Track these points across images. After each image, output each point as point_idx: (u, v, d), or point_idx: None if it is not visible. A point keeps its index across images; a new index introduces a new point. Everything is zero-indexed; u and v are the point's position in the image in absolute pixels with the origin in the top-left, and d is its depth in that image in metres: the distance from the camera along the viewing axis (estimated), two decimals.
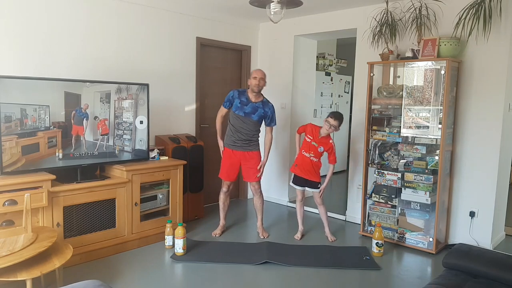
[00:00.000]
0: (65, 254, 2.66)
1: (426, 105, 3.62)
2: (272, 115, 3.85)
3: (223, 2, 4.18)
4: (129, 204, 3.50)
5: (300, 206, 3.98)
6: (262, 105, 3.79)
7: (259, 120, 3.81)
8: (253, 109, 3.76)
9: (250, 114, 3.75)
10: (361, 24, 4.17)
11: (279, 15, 3.30)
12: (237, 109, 3.76)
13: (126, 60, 3.97)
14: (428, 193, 3.57)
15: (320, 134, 3.76)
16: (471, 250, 2.40)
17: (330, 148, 3.78)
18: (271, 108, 3.84)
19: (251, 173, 3.88)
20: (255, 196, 4.00)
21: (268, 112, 3.81)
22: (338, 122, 3.69)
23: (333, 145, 3.80)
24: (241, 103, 3.76)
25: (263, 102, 3.81)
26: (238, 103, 3.77)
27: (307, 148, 3.80)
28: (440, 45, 3.47)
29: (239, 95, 3.79)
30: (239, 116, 3.75)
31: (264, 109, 3.79)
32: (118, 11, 3.87)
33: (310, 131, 3.81)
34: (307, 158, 3.80)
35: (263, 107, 3.79)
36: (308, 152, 3.79)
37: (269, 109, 3.82)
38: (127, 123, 3.61)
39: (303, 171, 3.84)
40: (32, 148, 3.07)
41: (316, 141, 3.76)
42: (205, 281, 3.01)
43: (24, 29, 3.31)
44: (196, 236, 3.91)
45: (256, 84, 3.72)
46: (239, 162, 3.87)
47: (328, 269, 3.25)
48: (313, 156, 3.78)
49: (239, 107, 3.76)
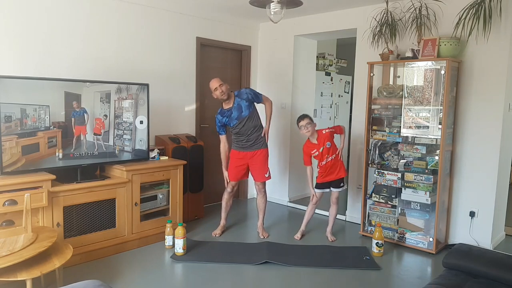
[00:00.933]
0: (65, 254, 2.66)
1: (426, 105, 3.62)
2: (253, 94, 3.80)
3: (223, 2, 4.18)
4: (129, 204, 3.50)
5: (312, 208, 3.95)
6: (239, 99, 3.76)
7: (251, 111, 3.78)
8: (238, 110, 3.74)
9: (241, 114, 3.74)
10: (361, 24, 4.17)
11: (279, 15, 3.30)
12: (230, 123, 3.77)
13: (126, 60, 3.97)
14: (428, 193, 3.57)
15: (312, 141, 3.75)
16: (471, 250, 2.40)
17: (331, 134, 3.76)
18: (248, 92, 3.80)
19: (259, 173, 3.88)
20: (259, 195, 4.00)
21: (249, 96, 3.77)
22: (306, 119, 3.70)
23: (330, 130, 3.77)
24: (228, 117, 3.75)
25: (237, 97, 3.77)
26: (226, 120, 3.77)
27: (322, 157, 3.75)
28: (440, 45, 3.47)
29: (221, 115, 3.78)
30: (235, 125, 3.76)
31: (243, 100, 3.75)
32: (118, 11, 3.87)
33: (310, 149, 3.78)
34: (328, 162, 3.76)
35: (241, 100, 3.75)
36: (326, 158, 3.74)
37: (246, 95, 3.77)
38: (127, 123, 3.61)
39: (329, 175, 3.79)
40: (32, 148, 3.06)
41: (320, 146, 3.73)
42: (205, 281, 3.01)
43: (24, 29, 3.31)
44: (196, 236, 3.91)
45: (218, 95, 3.70)
46: (247, 163, 3.87)
47: (328, 269, 3.25)
48: (330, 156, 3.74)
49: (229, 120, 3.76)
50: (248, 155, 3.84)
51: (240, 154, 3.85)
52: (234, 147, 3.89)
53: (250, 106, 3.78)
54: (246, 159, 3.85)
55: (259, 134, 3.83)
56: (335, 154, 3.76)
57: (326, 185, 3.84)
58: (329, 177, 3.79)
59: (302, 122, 3.71)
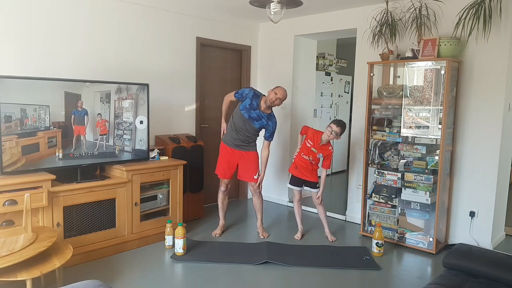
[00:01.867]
0: (65, 254, 2.66)
1: (426, 105, 3.62)
2: (272, 130, 3.84)
3: (223, 2, 4.18)
4: (129, 204, 3.50)
5: (298, 206, 3.99)
6: (268, 117, 3.78)
7: (259, 128, 3.81)
8: (258, 116, 3.75)
9: (254, 120, 3.74)
10: (361, 24, 4.17)
11: (279, 15, 3.30)
12: (244, 108, 3.75)
13: (126, 60, 3.97)
14: (428, 193, 3.57)
15: (321, 141, 3.76)
16: (471, 250, 2.40)
17: (329, 154, 3.80)
18: (274, 123, 3.83)
19: (246, 172, 3.89)
20: (254, 197, 4.01)
21: (270, 126, 3.81)
22: (341, 129, 3.70)
23: (332, 152, 3.82)
24: (250, 106, 3.74)
25: (269, 114, 3.80)
26: (248, 103, 3.75)
27: (307, 152, 3.80)
28: (440, 45, 3.47)
29: (253, 96, 3.76)
30: (243, 117, 3.75)
31: (268, 121, 3.78)
32: (118, 11, 3.87)
33: (311, 137, 3.80)
34: (306, 161, 3.81)
35: (267, 119, 3.78)
36: (307, 155, 3.80)
37: (272, 123, 3.81)
38: (127, 123, 3.61)
39: (302, 172, 3.85)
40: (32, 148, 3.06)
41: (316, 148, 3.76)
42: (205, 281, 3.01)
43: (24, 29, 3.31)
44: (196, 236, 3.91)
45: (272, 99, 3.68)
46: (237, 161, 3.87)
47: (328, 269, 3.25)
48: (312, 160, 3.80)
49: (247, 108, 3.74)
50: (237, 153, 3.85)
51: (229, 150, 3.86)
52: (225, 141, 3.89)
53: (260, 128, 3.82)
54: (235, 156, 3.85)
55: (251, 143, 3.86)
56: (314, 163, 3.82)
57: (298, 181, 3.88)
58: (303, 175, 3.85)
59: (336, 128, 3.68)
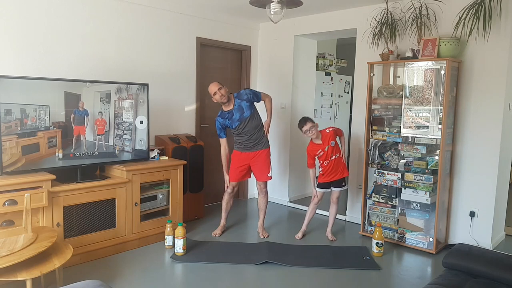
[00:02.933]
0: (65, 254, 2.66)
1: (426, 105, 3.62)
2: (252, 95, 3.77)
3: (223, 2, 4.18)
4: (129, 204, 3.50)
5: (314, 208, 3.95)
6: (239, 101, 3.74)
7: (252, 111, 3.77)
8: (239, 111, 3.72)
9: (242, 115, 3.73)
10: (361, 24, 4.17)
11: (279, 15, 3.30)
12: (232, 125, 3.75)
13: (126, 60, 3.97)
14: (428, 193, 3.57)
15: (319, 142, 3.73)
16: (471, 250, 2.40)
17: (335, 132, 3.74)
18: (247, 92, 3.77)
19: (261, 173, 3.88)
20: (260, 195, 4.00)
21: (249, 97, 3.75)
22: (308, 123, 3.65)
23: (333, 129, 3.75)
24: (230, 119, 3.73)
25: (236, 99, 3.75)
26: (228, 123, 3.74)
27: (327, 156, 3.72)
28: (440, 45, 3.47)
29: (222, 117, 3.75)
30: (238, 126, 3.74)
31: (243, 100, 3.74)
32: (118, 11, 3.87)
33: (314, 151, 3.75)
34: (332, 161, 3.74)
35: (241, 101, 3.74)
36: (329, 158, 3.72)
37: (246, 95, 3.75)
38: (127, 123, 3.61)
39: (332, 174, 3.77)
40: (32, 148, 3.06)
41: (325, 145, 3.71)
42: (205, 281, 3.01)
43: (24, 29, 3.31)
44: (196, 236, 3.91)
45: (218, 99, 3.66)
46: (248, 163, 3.87)
47: (328, 269, 3.25)
48: (334, 155, 3.73)
49: (231, 122, 3.74)
50: (250, 156, 3.84)
51: (242, 155, 3.85)
52: (237, 148, 3.88)
53: (251, 107, 3.78)
54: (248, 159, 3.85)
55: (261, 134, 3.83)
56: (338, 153, 3.75)
57: (327, 185, 3.84)
58: (332, 176, 3.78)
59: (305, 126, 3.65)
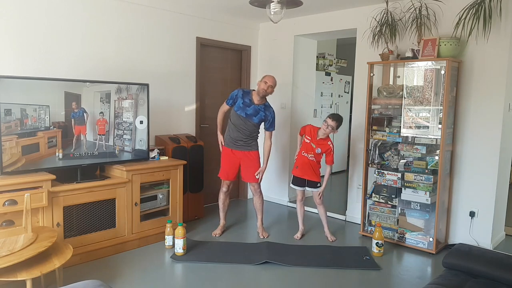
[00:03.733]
0: (65, 254, 2.66)
1: (426, 105, 3.62)
2: (272, 120, 3.84)
3: (223, 2, 4.18)
4: (129, 204, 3.50)
5: (301, 206, 3.98)
6: (264, 108, 3.79)
7: (259, 122, 3.82)
8: (254, 111, 3.75)
9: (252, 116, 3.75)
10: (361, 24, 4.17)
11: (279, 15, 3.30)
12: (239, 109, 3.76)
13: (126, 60, 3.97)
14: (428, 193, 3.57)
15: (318, 135, 3.76)
16: (471, 250, 2.40)
17: (328, 150, 3.77)
18: (272, 113, 3.83)
19: (250, 174, 3.88)
20: (255, 196, 4.00)
21: (269, 116, 3.81)
22: (336, 123, 3.69)
23: (332, 147, 3.79)
24: (244, 104, 3.75)
25: (265, 105, 3.81)
26: (241, 103, 3.76)
27: (306, 149, 3.80)
28: (440, 45, 3.47)
29: (243, 95, 3.78)
30: (240, 116, 3.75)
31: (265, 112, 3.79)
32: (118, 11, 3.87)
33: (308, 132, 3.81)
34: (306, 158, 3.80)
35: (264, 110, 3.78)
36: (307, 152, 3.79)
37: (270, 113, 3.81)
38: (127, 123, 3.61)
39: (303, 172, 3.84)
40: (32, 148, 3.06)
41: (314, 142, 3.76)
42: (205, 281, 3.01)
43: (24, 29, 3.31)
44: (196, 236, 3.91)
45: (264, 89, 3.70)
46: (239, 161, 3.87)
47: (328, 269, 3.25)
48: (312, 156, 3.79)
49: (241, 107, 3.75)
50: (240, 154, 3.84)
51: (232, 152, 3.86)
52: (227, 144, 3.88)
53: (261, 122, 3.82)
54: (237, 157, 3.85)
55: (251, 141, 3.84)
56: (316, 161, 3.80)
57: (302, 182, 3.87)
58: (304, 174, 3.83)
59: (332, 122, 3.68)
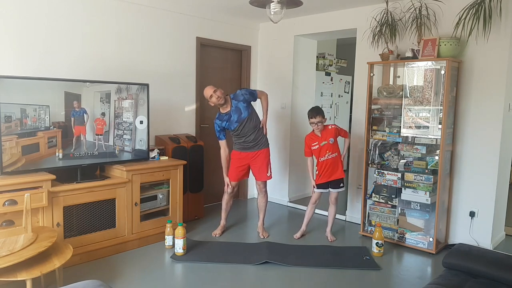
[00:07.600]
0: (65, 254, 2.66)
1: (426, 105, 3.62)
2: (248, 95, 3.77)
3: (223, 2, 4.18)
4: (129, 204, 3.50)
5: (311, 208, 3.95)
6: (236, 102, 3.74)
7: (250, 111, 3.77)
8: (237, 112, 3.71)
9: (240, 116, 3.72)
10: (361, 24, 4.17)
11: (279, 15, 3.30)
12: (230, 127, 3.74)
13: (126, 60, 3.97)
14: (428, 193, 3.57)
15: (317, 135, 3.73)
16: (471, 250, 2.40)
17: (336, 130, 3.73)
18: (243, 93, 3.77)
19: (260, 173, 3.88)
20: (260, 195, 4.00)
21: (245, 97, 3.75)
22: (319, 115, 3.64)
23: (335, 126, 3.76)
24: (228, 121, 3.72)
25: (233, 101, 3.75)
26: (226, 124, 3.74)
27: (322, 152, 3.72)
28: (440, 45, 3.47)
29: (220, 119, 3.75)
30: (237, 128, 3.74)
31: (240, 101, 3.73)
32: (118, 11, 3.87)
33: (311, 141, 3.76)
34: (327, 160, 3.73)
35: (238, 102, 3.73)
36: (325, 154, 3.72)
37: (242, 96, 3.75)
38: (127, 123, 3.61)
39: (328, 175, 3.75)
40: (32, 148, 3.06)
41: (322, 140, 3.70)
42: (205, 281, 3.01)
43: (24, 29, 3.31)
44: (196, 236, 3.91)
45: (215, 101, 3.65)
46: (248, 163, 3.87)
47: (328, 269, 3.25)
48: (330, 153, 3.72)
49: (229, 124, 3.73)
50: (250, 156, 3.83)
51: (241, 154, 3.85)
52: (236, 148, 3.89)
53: (249, 107, 3.77)
54: (247, 159, 3.85)
55: (260, 134, 3.83)
56: (336, 152, 3.75)
57: (325, 185, 3.83)
58: (329, 176, 3.76)
59: (314, 119, 3.64)
